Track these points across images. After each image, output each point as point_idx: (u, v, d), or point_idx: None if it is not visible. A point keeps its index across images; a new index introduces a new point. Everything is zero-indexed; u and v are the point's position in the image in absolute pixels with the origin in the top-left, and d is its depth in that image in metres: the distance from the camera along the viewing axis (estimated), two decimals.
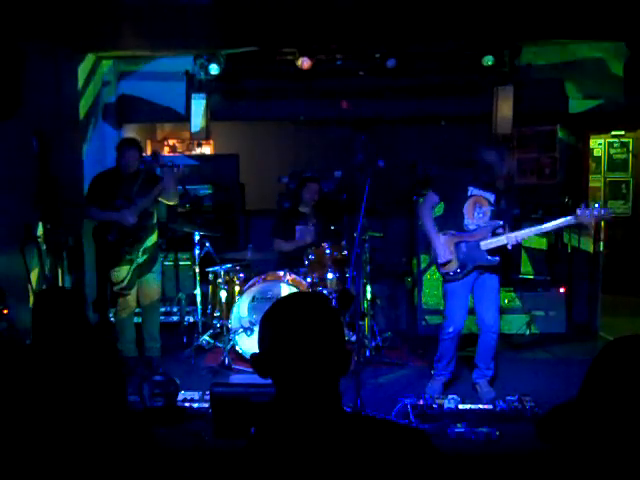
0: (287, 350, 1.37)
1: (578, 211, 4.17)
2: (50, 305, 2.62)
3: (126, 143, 5.17)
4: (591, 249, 6.35)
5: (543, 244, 6.39)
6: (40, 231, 5.25)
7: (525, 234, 4.41)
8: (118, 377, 2.07)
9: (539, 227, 4.40)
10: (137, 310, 5.41)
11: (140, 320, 5.38)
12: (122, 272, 5.10)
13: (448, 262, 4.47)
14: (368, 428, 1.38)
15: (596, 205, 4.16)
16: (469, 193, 4.47)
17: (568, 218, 4.25)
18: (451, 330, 4.51)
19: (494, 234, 4.40)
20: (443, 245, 4.47)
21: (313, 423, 1.35)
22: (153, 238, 5.24)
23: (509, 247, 4.37)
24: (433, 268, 5.56)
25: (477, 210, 4.46)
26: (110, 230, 5.02)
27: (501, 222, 4.41)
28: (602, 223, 6.20)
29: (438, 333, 4.67)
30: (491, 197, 4.46)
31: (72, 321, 2.59)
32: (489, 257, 4.40)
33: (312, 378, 1.37)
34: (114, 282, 5.16)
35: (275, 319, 1.42)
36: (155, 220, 5.28)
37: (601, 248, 6.22)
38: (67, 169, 5.90)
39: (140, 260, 5.15)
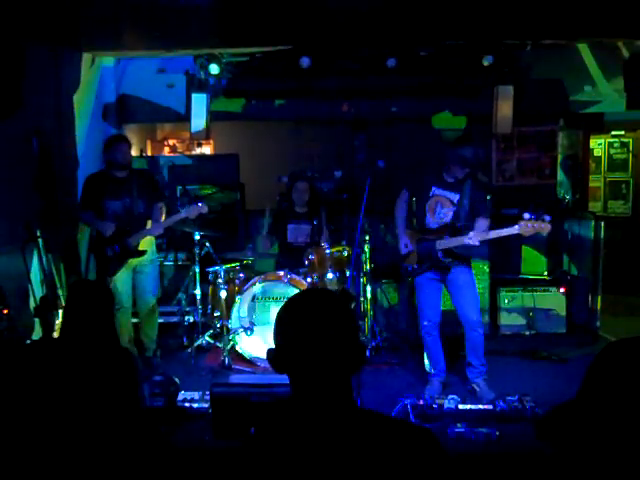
0: (302, 345, 1.38)
1: (521, 223, 4.06)
2: (85, 297, 2.64)
3: (115, 139, 5.20)
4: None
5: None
6: (40, 231, 5.25)
7: (480, 236, 4.25)
8: (133, 374, 2.08)
9: (485, 234, 4.26)
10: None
11: (138, 320, 5.38)
12: (120, 275, 5.09)
13: (408, 255, 4.58)
14: (379, 425, 1.40)
15: (534, 219, 4.03)
16: (431, 193, 4.53)
17: (513, 228, 4.12)
18: (426, 323, 4.58)
19: (453, 234, 4.39)
20: (406, 238, 4.63)
21: (328, 418, 1.37)
22: (153, 251, 5.26)
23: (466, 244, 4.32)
24: None
25: (438, 210, 4.52)
26: (110, 244, 5.02)
27: (460, 223, 4.40)
28: (602, 224, 6.22)
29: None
30: (454, 197, 4.48)
31: (103, 315, 2.62)
32: (442, 258, 4.44)
33: (327, 373, 1.39)
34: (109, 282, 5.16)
35: (290, 315, 1.44)
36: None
37: (601, 248, 6.21)
38: (67, 169, 5.89)
39: (139, 266, 5.16)
